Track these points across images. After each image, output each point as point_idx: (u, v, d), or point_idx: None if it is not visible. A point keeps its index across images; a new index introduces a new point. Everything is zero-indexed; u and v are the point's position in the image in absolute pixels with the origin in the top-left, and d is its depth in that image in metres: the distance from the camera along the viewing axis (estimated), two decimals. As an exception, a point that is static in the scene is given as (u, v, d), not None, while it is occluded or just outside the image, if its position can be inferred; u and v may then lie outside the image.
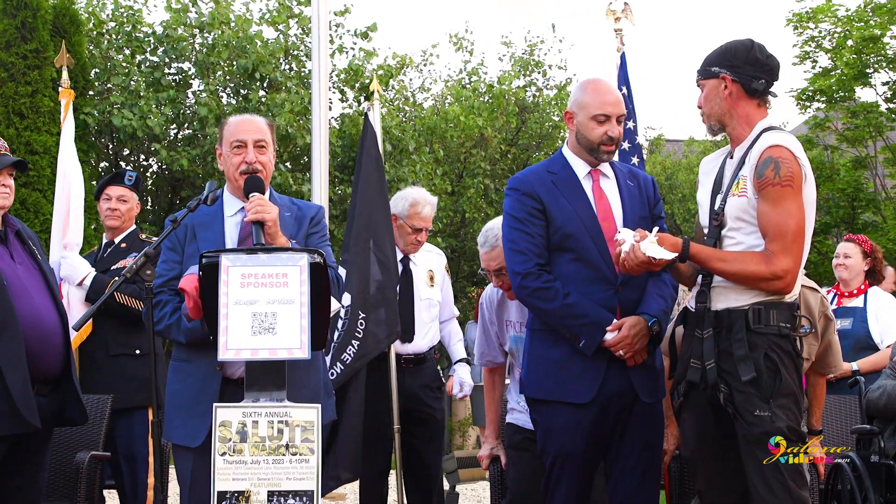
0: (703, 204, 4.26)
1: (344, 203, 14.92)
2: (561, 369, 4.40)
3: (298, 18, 14.90)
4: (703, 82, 4.16)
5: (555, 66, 19.92)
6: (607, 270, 4.38)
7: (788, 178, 3.89)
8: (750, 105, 4.10)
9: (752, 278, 3.93)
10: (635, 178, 4.65)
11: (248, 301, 3.55)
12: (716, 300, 4.05)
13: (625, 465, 4.42)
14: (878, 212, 17.94)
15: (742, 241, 4.01)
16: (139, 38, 14.00)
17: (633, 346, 4.31)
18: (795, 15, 17.32)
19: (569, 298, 4.34)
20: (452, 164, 18.62)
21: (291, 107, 13.30)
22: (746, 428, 3.89)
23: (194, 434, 4.12)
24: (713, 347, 4.00)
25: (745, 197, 3.98)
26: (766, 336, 3.92)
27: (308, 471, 3.48)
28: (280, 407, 3.52)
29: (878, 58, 16.77)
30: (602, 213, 4.48)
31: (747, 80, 4.07)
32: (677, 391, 4.19)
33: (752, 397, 3.88)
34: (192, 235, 4.32)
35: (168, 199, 14.29)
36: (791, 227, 3.89)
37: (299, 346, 3.52)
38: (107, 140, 13.79)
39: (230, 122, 4.46)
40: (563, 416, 4.38)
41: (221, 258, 3.60)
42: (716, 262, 3.99)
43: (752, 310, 3.94)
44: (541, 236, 4.46)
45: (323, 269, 3.68)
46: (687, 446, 4.27)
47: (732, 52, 4.10)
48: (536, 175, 4.59)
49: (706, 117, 4.18)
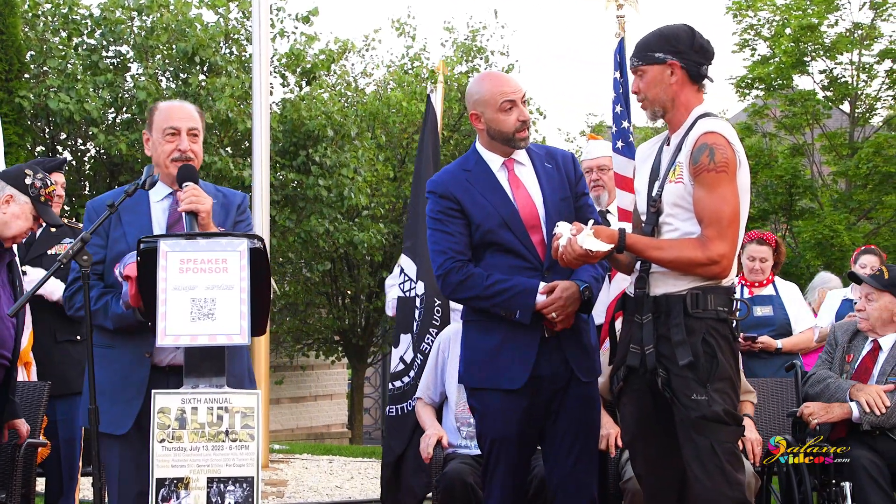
0: (640, 191, 4.28)
1: (285, 189, 14.83)
2: (494, 357, 4.45)
3: (239, 2, 14.75)
4: (644, 68, 4.14)
5: (497, 52, 19.93)
6: (531, 257, 4.44)
7: (723, 163, 3.92)
8: (691, 91, 4.13)
9: (688, 264, 3.96)
10: (553, 159, 4.63)
11: (187, 287, 3.53)
12: (654, 285, 4.07)
13: (560, 447, 4.46)
14: (815, 198, 18.22)
15: (678, 227, 4.04)
16: (76, 20, 13.76)
17: (566, 307, 4.32)
18: (735, 3, 17.52)
19: (491, 279, 4.40)
20: (395, 149, 18.58)
21: (232, 91, 13.17)
22: (684, 412, 3.92)
23: (119, 421, 4.06)
24: (652, 332, 4.03)
25: (682, 183, 4.00)
26: (703, 321, 3.95)
27: (248, 457, 3.46)
28: (220, 393, 3.50)
29: (816, 46, 17.03)
30: (521, 202, 4.49)
31: (694, 67, 4.09)
32: (617, 376, 4.22)
33: (690, 381, 3.91)
34: (117, 220, 4.26)
35: (106, 184, 14.07)
36: (726, 213, 3.93)
37: (239, 332, 3.51)
38: (43, 124, 13.55)
39: (161, 107, 4.42)
40: (497, 401, 4.44)
41: (160, 243, 3.57)
42: (652, 251, 4.01)
43: (689, 294, 3.97)
44: (461, 234, 4.49)
45: (263, 255, 3.66)
46: (627, 430, 4.31)
47: (675, 37, 4.10)
48: (451, 175, 4.61)
49: (648, 103, 4.17)
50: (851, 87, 17.44)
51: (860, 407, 5.31)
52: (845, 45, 17.05)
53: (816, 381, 5.68)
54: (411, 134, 18.16)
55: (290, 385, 19.69)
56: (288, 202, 14.81)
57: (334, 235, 15.31)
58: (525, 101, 4.55)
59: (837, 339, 5.79)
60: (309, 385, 20.92)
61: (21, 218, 4.89)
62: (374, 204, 16.77)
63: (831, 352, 5.81)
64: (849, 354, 5.70)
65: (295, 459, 11.36)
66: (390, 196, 17.69)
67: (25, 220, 4.91)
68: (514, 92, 4.48)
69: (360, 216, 16.44)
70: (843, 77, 17.60)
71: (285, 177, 14.70)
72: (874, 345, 5.62)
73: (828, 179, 18.48)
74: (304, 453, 12.13)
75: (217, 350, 3.55)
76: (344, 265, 18.50)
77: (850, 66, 17.57)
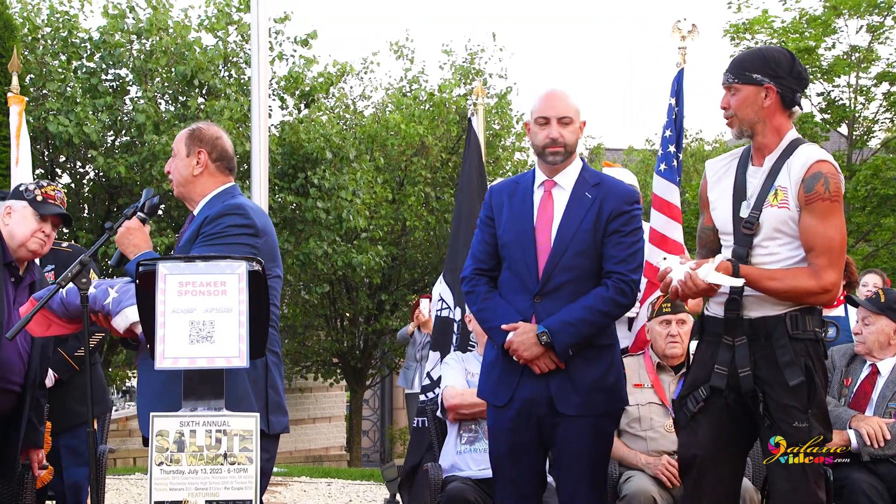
0: (719, 208, 4.29)
1: (284, 211, 14.85)
2: (489, 372, 4.62)
3: (238, 25, 14.81)
4: (738, 86, 4.16)
5: (495, 75, 20.00)
6: (530, 279, 4.47)
7: (836, 193, 4.01)
8: (783, 116, 4.17)
9: (802, 294, 4.02)
10: (598, 189, 4.58)
11: (185, 309, 3.52)
12: (749, 308, 4.10)
13: (561, 477, 4.52)
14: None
15: (777, 251, 4.09)
16: (75, 43, 13.82)
17: (521, 352, 4.38)
18: (732, 26, 17.55)
19: (486, 303, 4.55)
20: (393, 172, 18.61)
21: (231, 114, 13.21)
22: (782, 437, 3.97)
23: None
24: (748, 354, 4.07)
25: (786, 209, 4.05)
26: (803, 342, 4.03)
27: (246, 480, 3.45)
28: (218, 416, 3.49)
29: (813, 69, 17.04)
30: (541, 224, 4.52)
31: (789, 93, 4.13)
32: (694, 396, 4.22)
33: (791, 409, 3.97)
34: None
35: (105, 207, 14.11)
36: (837, 242, 4.02)
37: (237, 355, 3.50)
38: (42, 147, 13.58)
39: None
40: (492, 417, 4.60)
41: (158, 266, 3.56)
42: (766, 282, 4.03)
43: (788, 316, 4.03)
44: (488, 243, 4.63)
45: (262, 278, 3.66)
46: (698, 447, 4.22)
47: (775, 61, 4.14)
48: (507, 183, 4.75)
49: (738, 121, 4.19)
50: (849, 109, 17.45)
51: (860, 438, 5.27)
52: (843, 68, 17.07)
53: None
54: (409, 156, 18.20)
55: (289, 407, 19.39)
56: (286, 224, 14.83)
57: (333, 258, 15.32)
58: (565, 121, 4.55)
59: (835, 362, 5.76)
60: (307, 407, 20.88)
61: (22, 222, 4.96)
62: (373, 226, 16.79)
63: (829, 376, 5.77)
64: (847, 378, 5.67)
65: (293, 482, 11.33)
66: (389, 218, 17.71)
67: (28, 223, 4.98)
68: (553, 111, 4.55)
69: (359, 238, 16.46)
70: (840, 100, 17.61)
71: (284, 199, 14.73)
72: (872, 369, 5.59)
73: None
74: (302, 476, 12.10)
75: (216, 373, 3.54)
76: (342, 287, 18.50)
77: (848, 89, 17.58)
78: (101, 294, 4.22)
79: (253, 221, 4.31)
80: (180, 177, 4.53)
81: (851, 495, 5.15)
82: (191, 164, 4.50)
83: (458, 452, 5.49)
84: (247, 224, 4.27)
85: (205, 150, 4.50)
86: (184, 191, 4.55)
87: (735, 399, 4.11)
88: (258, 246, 4.23)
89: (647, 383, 5.45)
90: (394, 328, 17.41)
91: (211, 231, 4.26)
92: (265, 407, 4.33)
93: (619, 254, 4.44)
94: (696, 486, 4.22)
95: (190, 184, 4.52)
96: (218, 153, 4.53)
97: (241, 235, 4.24)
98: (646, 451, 5.26)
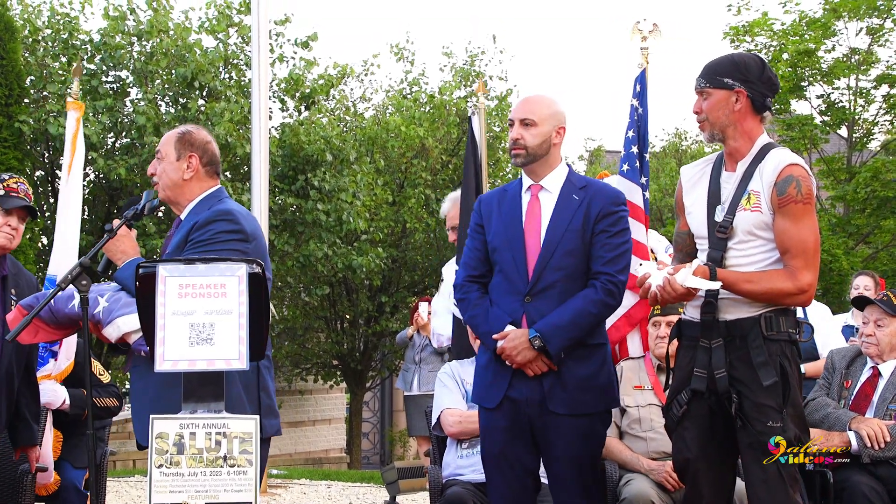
0: (694, 213, 4.36)
1: (284, 213, 14.84)
2: (481, 375, 4.66)
3: (238, 27, 14.80)
4: (710, 90, 4.24)
5: (496, 77, 20.00)
6: (520, 281, 4.51)
7: (808, 195, 4.08)
8: (754, 121, 4.25)
9: (779, 295, 4.09)
10: (584, 191, 4.63)
11: (185, 311, 3.52)
12: (725, 310, 4.16)
13: (553, 477, 4.55)
14: (813, 223, 18.16)
15: (751, 253, 4.16)
16: (76, 45, 13.81)
17: (514, 356, 4.41)
18: (732, 28, 17.57)
19: (477, 309, 4.59)
20: (393, 174, 18.60)
21: (231, 116, 13.20)
22: (755, 436, 4.03)
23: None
24: (724, 356, 4.12)
25: (759, 212, 4.12)
26: (778, 343, 4.08)
27: (246, 482, 3.45)
28: (218, 418, 3.49)
29: (813, 71, 17.06)
30: (529, 228, 4.58)
31: (760, 98, 4.20)
32: (678, 400, 4.27)
33: (766, 408, 4.02)
34: None
35: (105, 209, 14.09)
36: (811, 243, 4.09)
37: (237, 357, 3.50)
38: (42, 149, 13.58)
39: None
40: (483, 419, 4.63)
41: (158, 268, 3.56)
42: (743, 284, 4.10)
43: (763, 318, 4.09)
44: (479, 250, 4.68)
45: (262, 281, 3.66)
46: (688, 451, 4.28)
47: (745, 66, 4.21)
48: (495, 192, 4.81)
49: (709, 125, 4.26)
50: (849, 111, 17.46)
51: (860, 439, 5.26)
52: (842, 71, 17.08)
53: (816, 408, 5.63)
54: (410, 158, 18.20)
55: (289, 409, 19.64)
56: (287, 227, 14.83)
57: (333, 260, 15.32)
58: (527, 122, 4.61)
59: (835, 364, 5.75)
60: (307, 409, 20.86)
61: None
62: (373, 228, 16.79)
63: (829, 377, 5.75)
64: (847, 380, 5.66)
65: (293, 484, 11.32)
66: (389, 220, 17.71)
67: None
68: (517, 111, 4.66)
69: (359, 240, 16.46)
70: (840, 102, 17.62)
71: (284, 201, 14.72)
72: (873, 371, 5.57)
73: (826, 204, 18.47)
74: (302, 478, 12.09)
75: (215, 375, 3.53)
76: (342, 289, 18.48)
77: (848, 91, 17.59)
78: (91, 303, 4.22)
79: (242, 227, 4.30)
80: (169, 180, 4.51)
81: (851, 497, 5.15)
82: (181, 168, 4.49)
83: (459, 457, 5.49)
84: (236, 230, 4.27)
85: (196, 155, 4.49)
86: (171, 194, 4.54)
87: (716, 401, 4.16)
88: (248, 251, 4.21)
89: (646, 385, 5.48)
90: (394, 330, 17.40)
91: (200, 238, 4.26)
92: (258, 410, 4.31)
93: (607, 254, 4.51)
94: (695, 488, 4.29)
95: (179, 188, 4.51)
96: (208, 157, 4.54)
97: (231, 241, 4.24)
98: (646, 452, 5.28)
